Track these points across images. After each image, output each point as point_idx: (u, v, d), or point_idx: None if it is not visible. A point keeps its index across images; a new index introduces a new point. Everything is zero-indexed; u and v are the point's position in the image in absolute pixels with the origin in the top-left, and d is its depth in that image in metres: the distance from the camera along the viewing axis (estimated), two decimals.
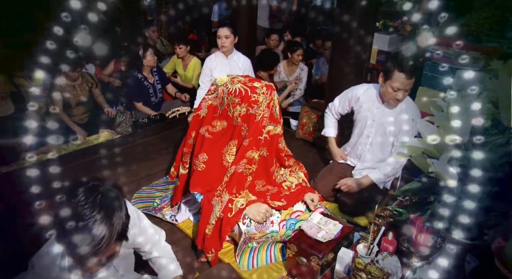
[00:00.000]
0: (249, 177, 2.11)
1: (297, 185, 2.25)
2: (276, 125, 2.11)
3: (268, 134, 2.09)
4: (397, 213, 1.74)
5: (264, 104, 2.01)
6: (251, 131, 2.03)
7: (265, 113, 2.03)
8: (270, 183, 2.23)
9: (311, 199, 2.16)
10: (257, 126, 2.03)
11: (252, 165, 2.09)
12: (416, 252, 1.56)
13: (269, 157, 2.17)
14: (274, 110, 2.08)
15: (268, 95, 2.02)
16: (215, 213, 2.01)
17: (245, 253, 2.04)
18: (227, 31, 3.23)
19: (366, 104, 2.43)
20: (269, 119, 2.07)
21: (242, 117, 2.06)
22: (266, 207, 2.04)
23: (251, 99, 2.01)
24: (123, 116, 3.72)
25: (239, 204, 2.03)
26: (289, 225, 2.06)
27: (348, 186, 2.41)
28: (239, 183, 2.09)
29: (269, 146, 2.13)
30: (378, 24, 3.86)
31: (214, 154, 2.12)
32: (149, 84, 3.92)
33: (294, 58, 4.20)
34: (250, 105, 2.01)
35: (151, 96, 3.97)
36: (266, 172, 2.21)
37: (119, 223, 1.08)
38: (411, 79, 2.16)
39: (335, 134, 2.73)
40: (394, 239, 1.58)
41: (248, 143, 2.04)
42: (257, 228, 2.02)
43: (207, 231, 2.02)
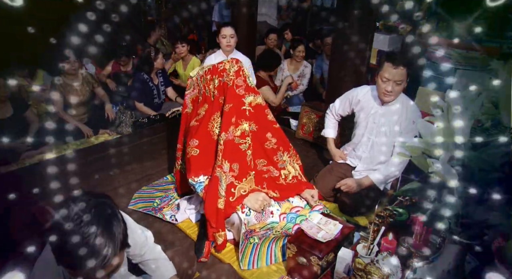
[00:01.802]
0: (248, 151, 2.13)
1: (293, 176, 2.27)
2: (256, 95, 2.19)
3: (250, 106, 2.15)
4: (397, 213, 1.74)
5: (232, 70, 2.12)
6: (228, 96, 2.12)
7: (237, 80, 2.12)
8: (272, 162, 2.24)
9: (311, 195, 2.19)
10: (232, 91, 2.11)
11: (246, 138, 2.12)
12: (416, 252, 1.57)
13: (259, 131, 2.20)
14: (248, 81, 2.17)
15: (235, 63, 2.14)
16: (223, 184, 2.03)
17: (247, 251, 2.04)
18: (232, 30, 3.24)
19: (366, 106, 2.43)
20: (245, 90, 2.14)
21: (217, 88, 2.16)
22: (264, 195, 2.08)
23: (219, 69, 2.15)
24: (123, 116, 3.72)
25: (242, 190, 2.08)
26: (290, 219, 2.09)
27: (348, 186, 2.41)
28: (240, 159, 2.11)
29: (256, 118, 2.18)
30: (378, 24, 3.86)
31: (202, 135, 2.17)
32: (153, 85, 3.94)
33: (296, 55, 4.21)
34: (220, 75, 2.14)
35: (155, 97, 3.99)
36: (263, 148, 2.22)
37: (119, 232, 1.04)
38: (398, 69, 2.17)
39: (335, 135, 2.73)
40: (394, 239, 1.58)
41: (229, 109, 2.10)
42: (257, 218, 2.04)
43: (219, 205, 2.02)
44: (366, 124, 2.44)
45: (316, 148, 3.30)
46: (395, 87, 2.21)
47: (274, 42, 4.63)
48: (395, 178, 2.45)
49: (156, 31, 5.24)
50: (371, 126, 2.42)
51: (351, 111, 2.57)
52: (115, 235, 1.02)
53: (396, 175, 2.40)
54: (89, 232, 0.98)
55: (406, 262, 1.52)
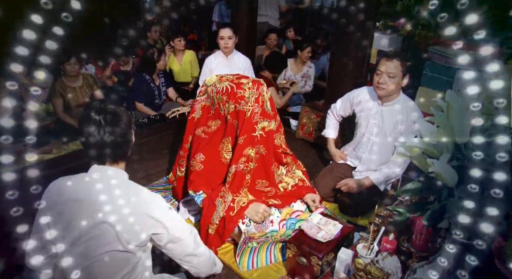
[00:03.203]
0: (248, 175, 2.11)
1: (293, 185, 2.25)
2: (270, 121, 2.11)
3: (263, 131, 2.09)
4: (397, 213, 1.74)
5: (251, 99, 2.01)
6: (244, 128, 2.03)
7: (255, 109, 2.03)
8: (272, 184, 2.23)
9: (313, 200, 2.16)
10: (249, 122, 2.03)
11: (250, 163, 2.09)
12: (416, 252, 1.57)
13: (267, 155, 2.16)
14: (265, 106, 2.08)
15: (255, 90, 2.03)
16: (219, 213, 2.01)
17: (245, 253, 2.04)
18: (230, 32, 3.23)
19: (367, 106, 2.43)
20: (261, 115, 2.06)
21: (231, 114, 2.06)
22: (264, 206, 2.04)
23: (237, 95, 2.02)
24: None
25: (241, 202, 2.05)
26: (289, 225, 2.07)
27: (348, 186, 2.41)
28: (239, 181, 2.09)
29: (266, 143, 2.13)
30: (378, 24, 3.86)
31: (211, 153, 2.13)
32: (155, 86, 3.95)
33: (303, 55, 4.21)
34: (237, 102, 2.02)
35: (156, 98, 3.99)
36: (267, 170, 2.20)
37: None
38: (391, 61, 2.18)
39: (335, 136, 2.73)
40: (394, 239, 1.58)
41: (243, 141, 2.04)
42: (257, 228, 2.02)
43: (210, 231, 2.03)
44: (366, 125, 2.44)
45: (316, 148, 3.30)
46: (388, 80, 2.21)
47: (274, 42, 4.63)
48: (395, 178, 2.45)
49: (154, 29, 5.22)
50: (371, 126, 2.42)
51: (352, 112, 2.57)
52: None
53: (397, 176, 2.40)
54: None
55: (406, 262, 1.52)
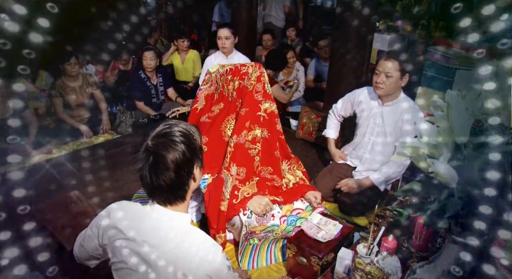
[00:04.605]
0: (256, 157, 2.13)
1: (294, 183, 2.25)
2: (272, 103, 2.19)
3: (265, 113, 2.15)
4: (397, 213, 1.74)
5: (254, 75, 2.12)
6: (246, 101, 2.11)
7: (257, 85, 2.12)
8: (277, 172, 2.23)
9: (314, 196, 2.18)
10: (251, 96, 2.11)
11: (257, 144, 2.12)
12: (416, 252, 1.57)
13: (271, 139, 2.19)
14: (267, 87, 2.16)
15: (257, 69, 2.14)
16: (228, 187, 2.03)
17: (246, 252, 2.04)
18: (228, 32, 3.23)
19: (367, 106, 2.43)
20: (263, 96, 2.14)
21: (236, 91, 2.16)
22: (267, 200, 2.06)
23: (241, 72, 2.14)
24: (123, 116, 3.72)
25: (245, 193, 2.07)
26: (290, 221, 2.08)
27: (349, 186, 2.41)
28: (248, 164, 2.10)
29: (269, 125, 2.18)
30: (378, 24, 3.86)
31: (214, 134, 2.17)
32: (151, 84, 3.93)
33: (290, 60, 4.19)
34: (241, 78, 2.13)
35: (153, 97, 3.98)
36: (272, 156, 2.21)
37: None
38: (389, 61, 2.21)
39: (336, 136, 2.73)
40: (394, 239, 1.58)
41: (245, 113, 2.10)
42: (258, 220, 2.03)
43: (222, 207, 2.02)
44: (367, 125, 2.44)
45: (316, 148, 3.30)
46: (386, 80, 2.23)
47: (269, 43, 4.62)
48: (395, 178, 2.45)
49: (157, 31, 5.24)
50: (372, 126, 2.42)
51: (352, 112, 2.57)
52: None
53: (397, 176, 2.40)
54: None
55: (406, 262, 1.52)
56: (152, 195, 1.14)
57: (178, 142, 1.10)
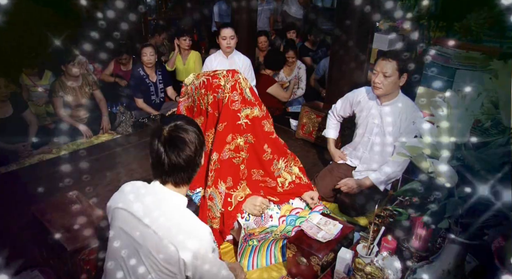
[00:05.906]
0: (242, 165, 2.10)
1: (290, 182, 2.22)
2: (253, 107, 2.09)
3: (247, 119, 2.07)
4: (397, 213, 1.74)
5: (227, 86, 2.01)
6: (223, 115, 2.02)
7: (234, 96, 2.01)
8: (269, 174, 2.20)
9: (311, 197, 2.17)
10: (227, 109, 2.01)
11: (241, 152, 2.08)
12: (416, 252, 1.57)
13: (257, 143, 2.13)
14: (245, 93, 2.06)
15: (230, 78, 2.03)
16: (217, 205, 2.01)
17: (246, 253, 2.04)
18: (232, 31, 3.24)
19: (366, 106, 2.43)
20: (242, 103, 2.04)
21: (211, 105, 2.06)
22: (261, 199, 2.05)
23: (214, 85, 2.03)
24: (123, 116, 3.72)
25: (238, 197, 2.05)
26: (289, 221, 2.07)
27: (348, 186, 2.41)
28: (233, 173, 2.07)
29: (253, 130, 2.10)
30: (378, 24, 3.86)
31: None
32: (150, 82, 3.92)
33: (289, 59, 4.21)
34: (215, 91, 2.03)
35: (152, 94, 3.96)
36: (260, 160, 2.17)
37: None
38: (387, 60, 2.21)
39: (336, 136, 2.73)
40: (394, 239, 1.58)
41: (223, 128, 2.02)
42: (257, 222, 2.02)
43: (214, 225, 2.02)
44: (366, 125, 2.44)
45: (316, 148, 3.30)
46: (383, 80, 2.23)
47: (264, 44, 4.62)
48: (395, 178, 2.45)
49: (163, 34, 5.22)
50: (370, 126, 2.42)
51: (352, 113, 2.57)
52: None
53: (397, 175, 2.40)
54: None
55: (406, 262, 1.52)
56: (167, 174, 1.30)
57: (189, 127, 1.30)
